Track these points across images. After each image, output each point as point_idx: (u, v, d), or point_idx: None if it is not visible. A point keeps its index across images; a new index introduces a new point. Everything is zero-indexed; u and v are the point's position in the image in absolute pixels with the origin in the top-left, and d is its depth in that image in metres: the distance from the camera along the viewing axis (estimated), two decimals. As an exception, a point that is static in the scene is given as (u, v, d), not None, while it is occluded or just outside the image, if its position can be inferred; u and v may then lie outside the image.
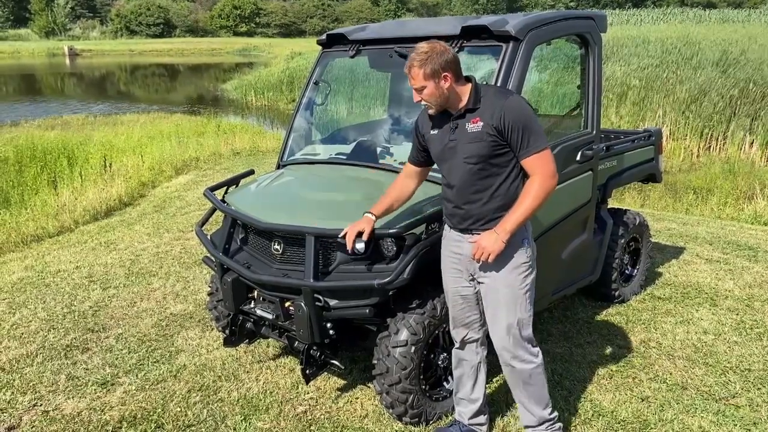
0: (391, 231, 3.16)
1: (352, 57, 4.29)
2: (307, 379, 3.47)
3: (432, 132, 2.92)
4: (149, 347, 4.34)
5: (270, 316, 3.56)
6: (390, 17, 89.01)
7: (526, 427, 3.14)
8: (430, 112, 2.86)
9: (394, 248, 3.27)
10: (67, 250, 6.88)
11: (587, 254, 4.47)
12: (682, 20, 37.54)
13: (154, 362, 4.14)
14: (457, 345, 3.20)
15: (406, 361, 3.24)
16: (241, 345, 4.10)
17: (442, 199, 3.02)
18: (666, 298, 5.10)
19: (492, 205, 2.82)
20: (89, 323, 4.74)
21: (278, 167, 4.50)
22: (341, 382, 3.86)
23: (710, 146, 14.85)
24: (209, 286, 4.31)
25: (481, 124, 2.72)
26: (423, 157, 3.08)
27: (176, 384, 3.86)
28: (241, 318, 3.80)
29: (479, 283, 2.96)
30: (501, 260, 2.83)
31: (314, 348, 3.46)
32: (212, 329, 4.57)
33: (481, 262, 2.84)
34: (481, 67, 3.84)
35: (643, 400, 3.61)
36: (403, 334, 3.25)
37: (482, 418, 3.27)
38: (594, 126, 4.16)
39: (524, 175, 2.81)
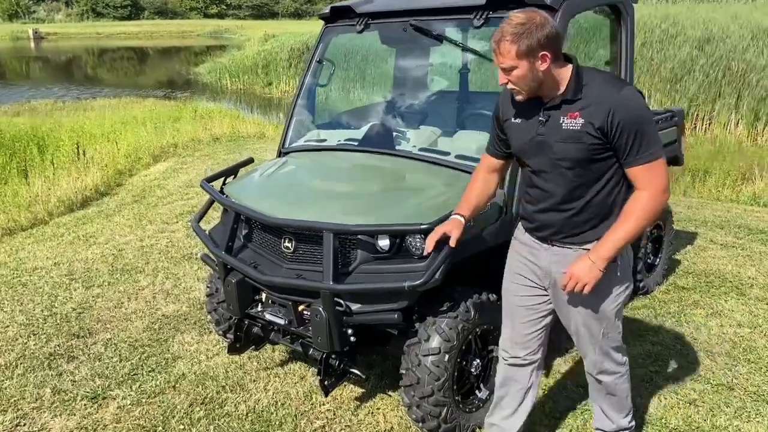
0: (422, 227, 2.80)
1: (360, 32, 3.91)
2: (326, 390, 3.13)
3: (515, 120, 2.44)
4: (142, 354, 3.95)
5: (281, 322, 3.20)
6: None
7: (597, 429, 2.86)
8: (518, 98, 2.34)
9: (424, 246, 2.91)
10: (42, 244, 6.41)
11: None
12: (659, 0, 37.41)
13: (150, 371, 3.75)
14: (507, 361, 2.80)
15: (440, 370, 2.90)
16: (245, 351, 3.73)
17: (521, 196, 2.61)
18: (690, 287, 4.83)
19: (582, 217, 2.37)
20: (73, 327, 4.33)
21: (279, 155, 4.11)
22: (358, 390, 3.51)
23: (696, 126, 14.71)
24: (208, 287, 3.92)
25: (580, 121, 2.22)
26: (505, 148, 2.60)
27: (176, 396, 3.48)
28: (246, 322, 3.44)
29: (551, 302, 2.60)
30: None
31: (333, 356, 3.11)
32: (210, 332, 4.19)
33: (572, 291, 2.39)
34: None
35: (690, 404, 3.33)
36: (435, 341, 2.92)
37: None
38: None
39: (626, 183, 2.34)
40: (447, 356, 2.91)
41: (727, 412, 3.25)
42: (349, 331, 3.03)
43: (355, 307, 2.95)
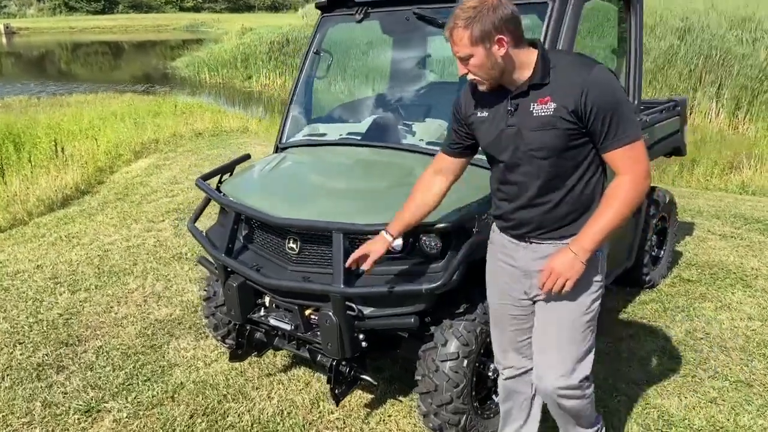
0: (439, 225, 2.66)
1: (359, 21, 3.74)
2: (337, 399, 2.98)
3: (480, 114, 2.24)
4: (136, 362, 3.76)
5: (287, 327, 3.04)
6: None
7: None
8: (481, 88, 2.16)
9: (439, 245, 2.77)
10: (23, 246, 6.16)
11: (624, 238, 4.06)
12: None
13: (145, 381, 3.56)
14: (504, 375, 2.64)
15: (459, 376, 2.76)
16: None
17: (493, 194, 2.40)
18: (695, 280, 4.74)
19: (561, 211, 2.20)
20: (61, 335, 4.12)
21: (276, 150, 3.93)
22: (367, 396, 3.36)
23: (678, 116, 14.71)
24: (204, 290, 3.74)
25: (552, 105, 2.05)
26: (464, 147, 2.41)
27: (175, 408, 3.31)
28: (248, 328, 3.27)
29: (535, 301, 2.38)
30: None
31: (343, 363, 2.96)
32: (207, 336, 4.01)
33: (550, 290, 2.21)
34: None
35: (711, 403, 3.23)
36: (453, 345, 2.77)
37: None
38: (636, 95, 3.72)
39: (605, 171, 2.22)
40: (466, 361, 2.77)
41: (750, 410, 3.16)
42: (361, 337, 2.88)
43: (367, 311, 2.79)
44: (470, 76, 2.12)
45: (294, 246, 3.00)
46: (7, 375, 3.65)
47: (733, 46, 14.86)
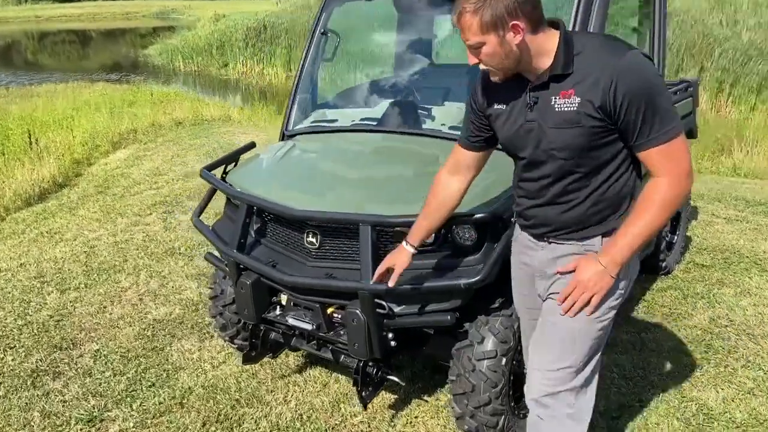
0: (477, 216, 2.47)
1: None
2: (364, 402, 2.79)
3: (498, 107, 1.99)
4: (138, 366, 3.53)
5: (308, 327, 2.83)
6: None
7: None
8: (494, 79, 1.91)
9: (474, 236, 2.58)
10: (2, 243, 5.84)
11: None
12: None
13: (150, 386, 3.34)
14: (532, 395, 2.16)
15: (497, 376, 2.59)
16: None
17: (514, 190, 2.17)
18: (709, 265, 4.63)
19: (585, 211, 1.93)
20: (54, 338, 3.86)
21: (282, 138, 3.71)
22: (390, 396, 3.18)
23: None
24: (210, 288, 3.52)
25: (576, 100, 1.78)
26: (484, 139, 2.14)
27: (186, 415, 3.09)
28: (263, 328, 3.06)
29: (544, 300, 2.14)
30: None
31: (370, 364, 2.77)
32: (212, 337, 3.79)
33: (575, 305, 1.95)
34: (547, 8, 3.15)
35: (749, 394, 3.11)
36: (491, 343, 2.60)
37: None
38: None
39: (639, 168, 1.94)
40: (504, 359, 2.60)
41: (790, 401, 3.05)
42: (390, 336, 2.70)
43: (398, 308, 2.61)
44: (482, 66, 1.87)
45: (314, 240, 2.79)
46: (0, 383, 3.40)
47: (715, 28, 14.86)
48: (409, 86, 3.71)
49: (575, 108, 1.79)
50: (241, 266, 2.94)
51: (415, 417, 3.02)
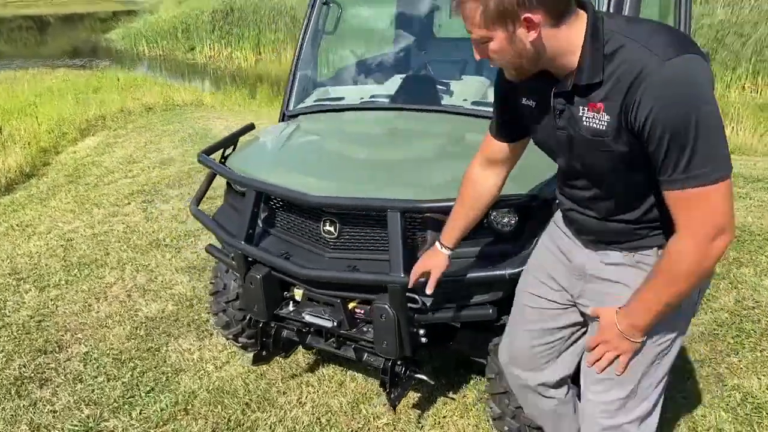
0: (517, 200, 2.25)
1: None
2: (394, 404, 2.57)
3: (525, 101, 1.67)
4: (134, 369, 3.24)
5: (327, 324, 2.58)
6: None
7: None
8: (509, 77, 1.57)
9: (514, 221, 2.36)
10: (-31, 238, 5.46)
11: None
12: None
13: (149, 392, 3.06)
14: (512, 377, 2.12)
15: (541, 372, 2.38)
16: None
17: (557, 188, 1.87)
18: (721, 245, 4.50)
19: (631, 230, 1.63)
20: (37, 341, 3.55)
21: (282, 119, 3.43)
22: (414, 395, 2.96)
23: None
24: (211, 283, 3.25)
25: (605, 118, 1.42)
26: (516, 129, 1.82)
27: (192, 423, 2.83)
28: (274, 326, 2.81)
29: (581, 310, 1.85)
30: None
31: (398, 363, 2.54)
32: (212, 335, 3.52)
33: (600, 361, 1.70)
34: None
35: (790, 380, 2.96)
36: (532, 337, 2.38)
37: None
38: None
39: None
40: (547, 354, 2.39)
41: (835, 387, 2.91)
42: (421, 332, 2.47)
43: (432, 302, 2.37)
44: (492, 64, 1.53)
45: (332, 229, 2.54)
46: (-20, 394, 3.09)
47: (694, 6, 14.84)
48: (420, 60, 3.46)
49: (603, 126, 1.43)
50: (250, 259, 2.67)
51: (443, 417, 2.80)
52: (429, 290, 2.14)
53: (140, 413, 2.91)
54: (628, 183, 1.53)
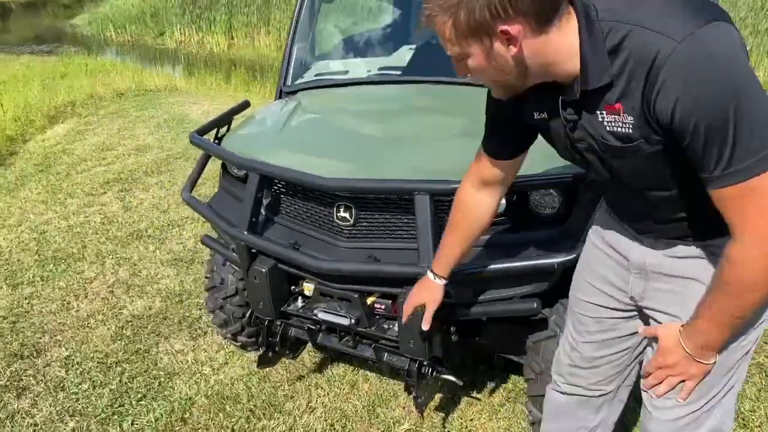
0: (561, 179, 1.99)
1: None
2: (421, 409, 2.31)
3: (538, 115, 1.39)
4: (122, 375, 2.94)
5: (344, 321, 2.31)
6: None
7: None
8: (496, 95, 1.37)
9: (558, 203, 2.11)
10: (-67, 232, 5.06)
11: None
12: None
13: (140, 399, 2.76)
14: (560, 388, 1.87)
15: (587, 371, 2.14)
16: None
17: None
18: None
19: (685, 227, 1.38)
20: (11, 344, 3.22)
21: (279, 96, 3.13)
22: (435, 396, 2.70)
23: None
24: (207, 277, 2.95)
25: (628, 119, 1.19)
26: (517, 145, 1.59)
27: (192, 434, 2.55)
28: (281, 324, 2.53)
29: (642, 310, 1.59)
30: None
31: (425, 363, 2.28)
32: (206, 333, 3.23)
33: (660, 386, 1.47)
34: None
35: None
36: (576, 332, 2.14)
37: None
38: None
39: None
40: (594, 351, 2.15)
41: None
42: (452, 329, 2.21)
43: (467, 296, 2.12)
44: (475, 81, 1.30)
45: (347, 215, 2.27)
46: (-51, 407, 2.77)
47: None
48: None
49: (630, 131, 1.20)
50: (254, 250, 2.39)
51: (470, 420, 2.56)
52: (426, 326, 1.92)
53: (132, 424, 2.61)
54: (682, 181, 1.27)
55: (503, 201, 2.11)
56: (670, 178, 1.28)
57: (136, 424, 2.61)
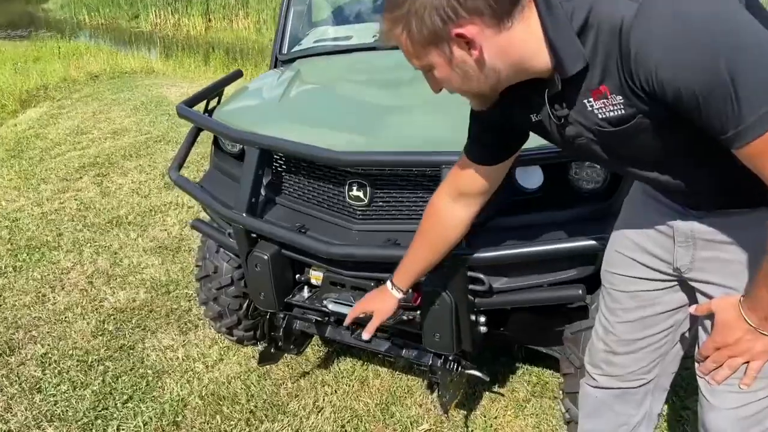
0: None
1: None
2: (446, 408, 2.07)
3: (535, 117, 1.26)
4: (105, 374, 2.66)
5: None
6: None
7: None
8: (474, 107, 1.34)
9: (604, 176, 1.87)
10: None
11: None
12: None
13: (126, 402, 2.49)
14: (597, 382, 1.65)
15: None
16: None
17: None
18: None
19: (727, 197, 1.22)
20: (-19, 342, 2.93)
21: (275, 65, 2.85)
22: (452, 392, 2.47)
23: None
24: (198, 266, 2.68)
25: (618, 99, 1.06)
26: (503, 149, 1.44)
27: (186, 440, 2.28)
28: (284, 317, 2.27)
29: (686, 281, 1.39)
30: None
31: (450, 358, 2.04)
32: (197, 326, 2.96)
33: (719, 371, 1.26)
34: None
35: None
36: (621, 321, 1.91)
37: None
38: None
39: None
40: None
41: None
42: (482, 320, 1.97)
43: (500, 282, 1.87)
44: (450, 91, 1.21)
45: (360, 194, 2.01)
46: None
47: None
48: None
49: (624, 112, 1.07)
50: (254, 235, 2.13)
51: (494, 417, 2.32)
52: (366, 335, 1.78)
53: (118, 429, 2.34)
54: (707, 146, 1.06)
55: (540, 176, 1.88)
56: (695, 145, 1.10)
57: (123, 429, 2.34)
